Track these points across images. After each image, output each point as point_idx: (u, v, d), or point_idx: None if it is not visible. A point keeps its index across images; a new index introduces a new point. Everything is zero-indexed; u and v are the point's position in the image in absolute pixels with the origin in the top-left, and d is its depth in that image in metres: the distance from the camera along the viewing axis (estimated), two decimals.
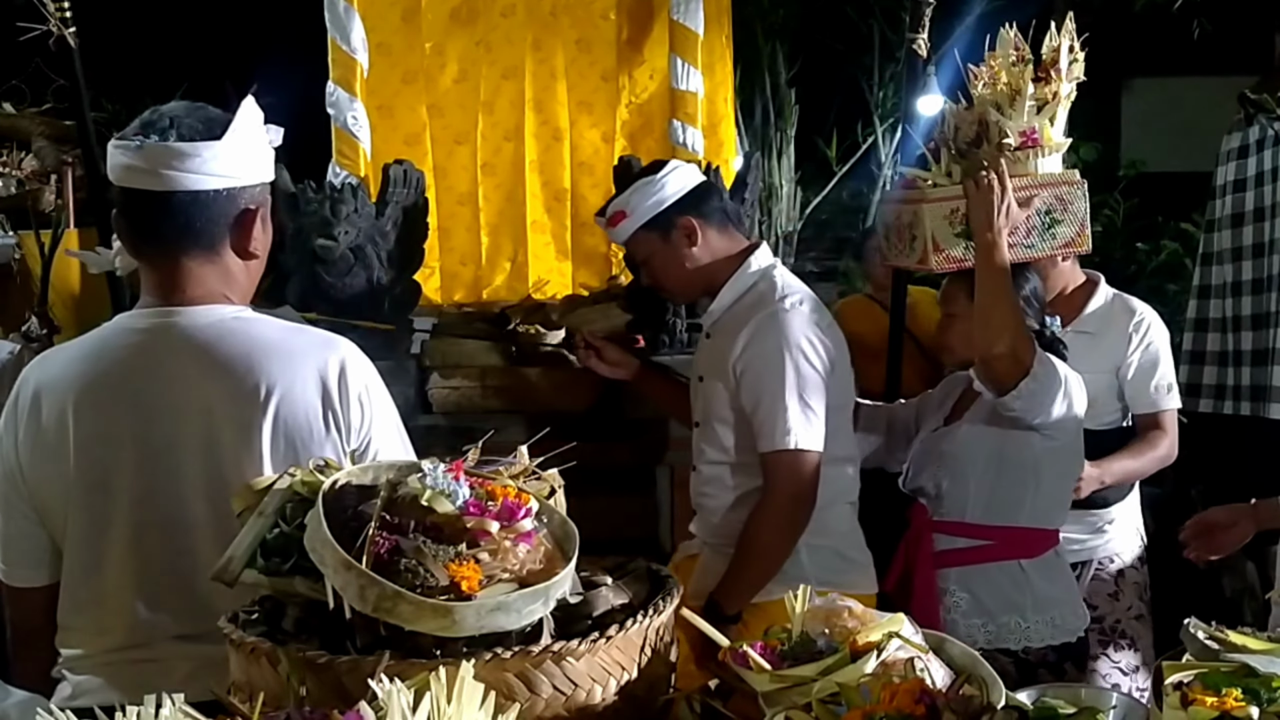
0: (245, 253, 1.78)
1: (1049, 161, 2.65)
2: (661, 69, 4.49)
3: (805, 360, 2.58)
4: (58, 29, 3.69)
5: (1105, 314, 3.27)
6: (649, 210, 2.68)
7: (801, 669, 1.40)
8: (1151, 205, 5.98)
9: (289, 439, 1.70)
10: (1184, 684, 1.33)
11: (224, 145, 1.70)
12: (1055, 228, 2.67)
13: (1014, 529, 2.71)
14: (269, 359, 1.71)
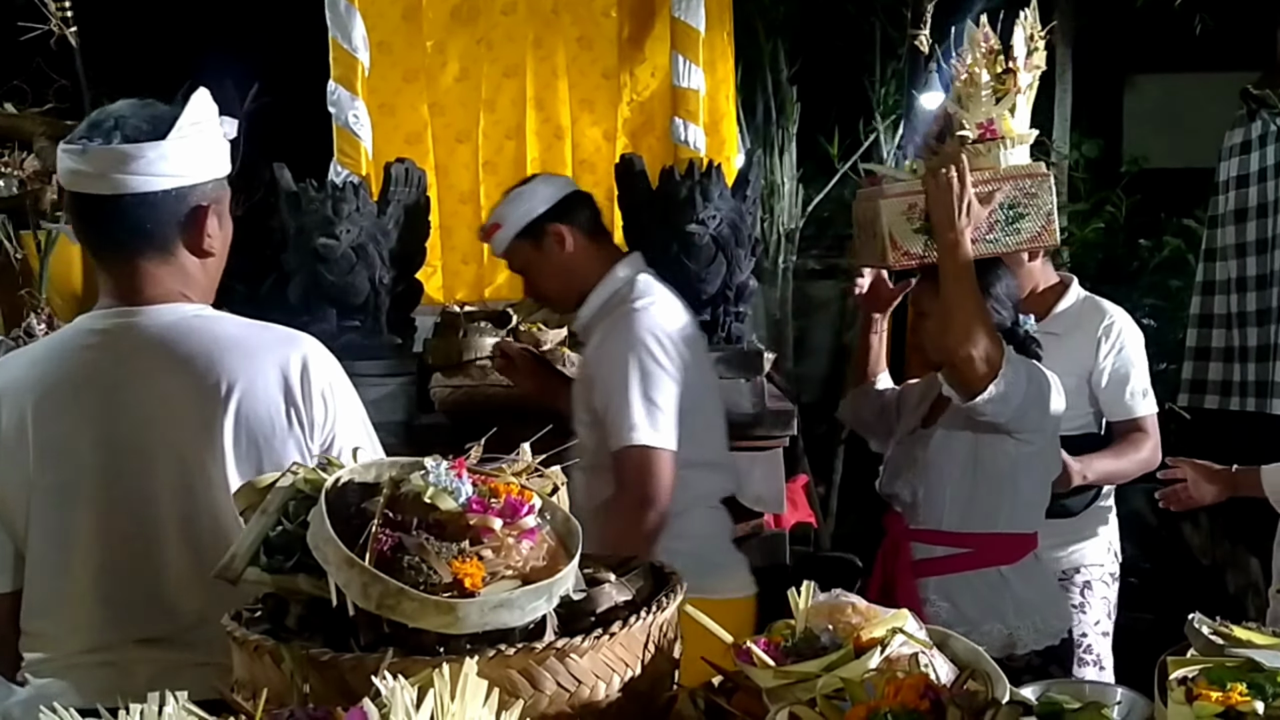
0: (200, 251, 1.76)
1: (1013, 154, 2.55)
2: (663, 66, 4.49)
3: (652, 358, 2.57)
4: (59, 28, 3.70)
5: (1074, 315, 3.15)
6: (520, 220, 2.74)
7: (805, 665, 1.40)
8: (1154, 201, 5.96)
9: (251, 436, 1.69)
10: (1189, 679, 1.33)
11: (170, 144, 1.67)
12: (1019, 222, 2.57)
13: (992, 535, 2.66)
14: (230, 356, 1.70)
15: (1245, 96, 4.45)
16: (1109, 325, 3.11)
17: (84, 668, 1.71)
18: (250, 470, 1.68)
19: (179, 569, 1.71)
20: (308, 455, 1.70)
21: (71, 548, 1.72)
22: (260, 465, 1.68)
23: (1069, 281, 3.21)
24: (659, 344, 2.59)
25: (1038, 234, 2.60)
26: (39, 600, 1.75)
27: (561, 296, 2.83)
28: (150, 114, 1.70)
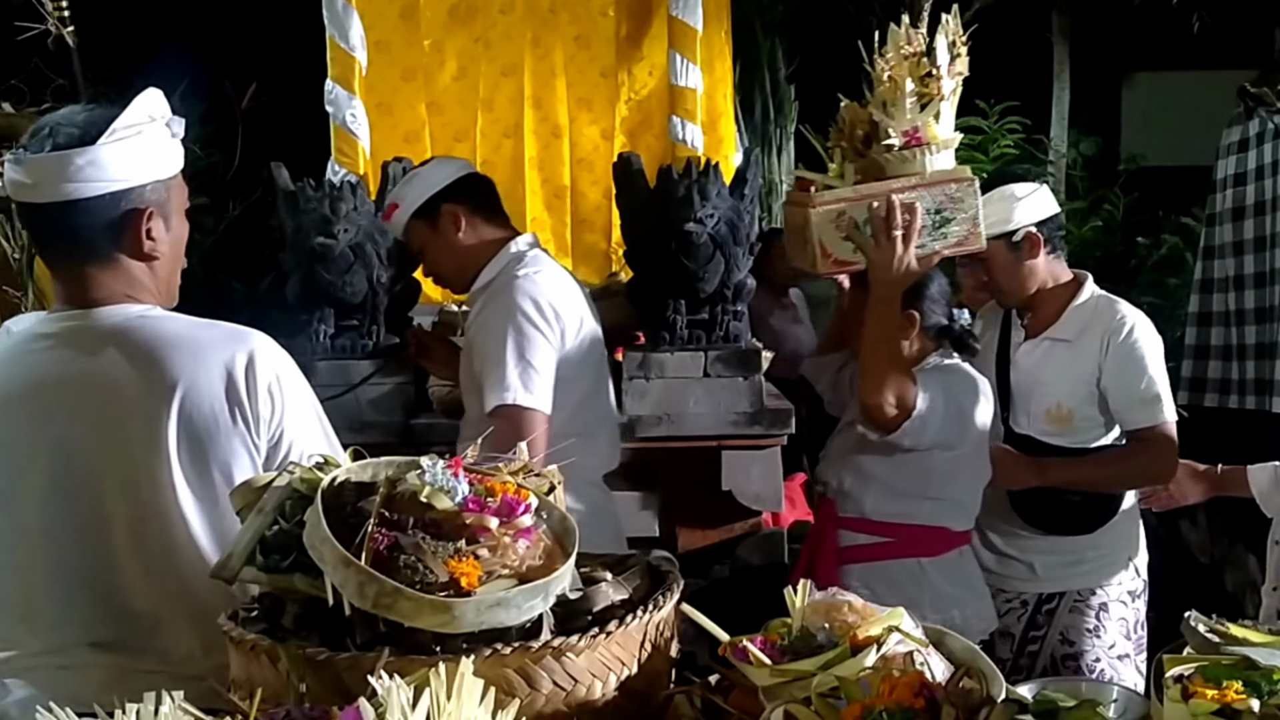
0: (140, 255, 1.73)
1: (938, 159, 2.50)
2: (661, 65, 4.49)
3: (529, 322, 2.60)
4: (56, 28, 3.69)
5: (1085, 319, 2.92)
6: (416, 200, 2.77)
7: (801, 663, 1.40)
8: (1152, 199, 5.98)
9: (194, 434, 1.67)
10: (1185, 677, 1.33)
11: (99, 149, 1.65)
12: (945, 227, 2.52)
13: (913, 526, 2.68)
14: (174, 354, 1.69)
15: (1243, 94, 4.45)
16: (1119, 326, 2.88)
17: (42, 670, 1.70)
18: (195, 469, 1.68)
19: (128, 571, 1.70)
20: (254, 451, 1.70)
21: (22, 547, 1.72)
22: (206, 463, 1.68)
23: (1083, 280, 2.99)
24: (536, 309, 2.62)
25: (964, 238, 2.54)
26: None
27: (456, 275, 2.85)
28: (86, 119, 1.68)
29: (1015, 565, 2.94)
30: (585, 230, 4.68)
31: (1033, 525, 2.91)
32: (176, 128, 1.75)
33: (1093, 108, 6.69)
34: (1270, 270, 4.27)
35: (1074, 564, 2.92)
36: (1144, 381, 2.86)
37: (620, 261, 4.37)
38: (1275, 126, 4.26)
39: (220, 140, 5.97)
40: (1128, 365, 2.86)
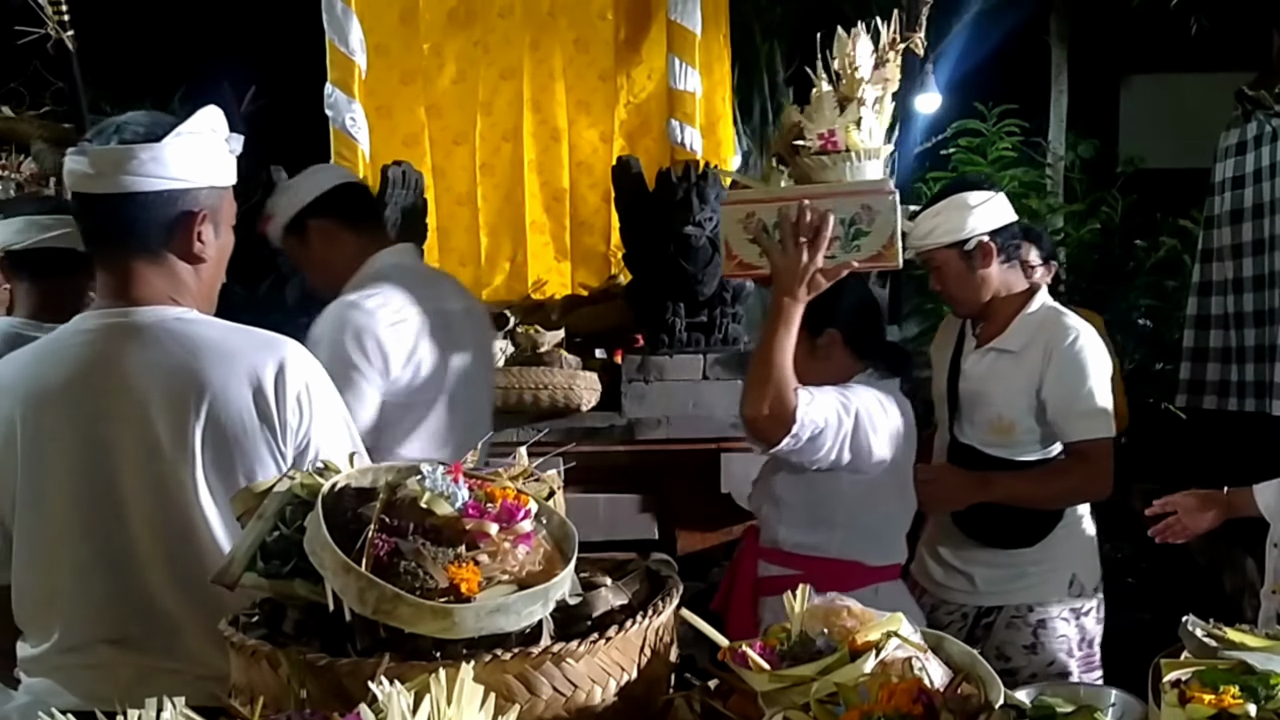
0: (190, 256, 1.77)
1: (863, 168, 2.39)
2: (659, 69, 4.50)
3: (341, 357, 2.44)
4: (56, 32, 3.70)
5: (1032, 330, 2.83)
6: (286, 212, 2.69)
7: (800, 669, 1.40)
8: (1150, 202, 5.98)
9: (221, 439, 1.69)
10: (1182, 681, 1.33)
11: (164, 147, 1.70)
12: (860, 239, 2.38)
13: (824, 560, 2.54)
14: (205, 359, 1.71)
15: (1240, 97, 4.45)
16: (1062, 337, 2.79)
17: (68, 669, 1.72)
18: (222, 473, 1.70)
19: (151, 571, 1.72)
20: (280, 458, 1.71)
21: (50, 542, 1.74)
22: (231, 468, 1.70)
23: (1035, 290, 2.92)
24: (355, 343, 2.48)
25: (878, 253, 2.39)
26: (24, 595, 1.78)
27: (328, 289, 2.72)
28: (153, 120, 1.73)
29: (958, 577, 2.88)
30: (584, 233, 4.69)
31: (971, 536, 2.85)
32: (234, 145, 1.79)
33: (1091, 110, 6.70)
34: (1269, 273, 4.28)
35: (1014, 578, 2.83)
36: (1084, 394, 2.76)
37: (619, 264, 4.38)
38: (1273, 129, 4.27)
39: None
40: (1069, 376, 2.76)
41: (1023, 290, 2.89)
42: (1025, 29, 6.21)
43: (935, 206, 2.89)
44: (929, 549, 2.92)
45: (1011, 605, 2.82)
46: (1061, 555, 2.84)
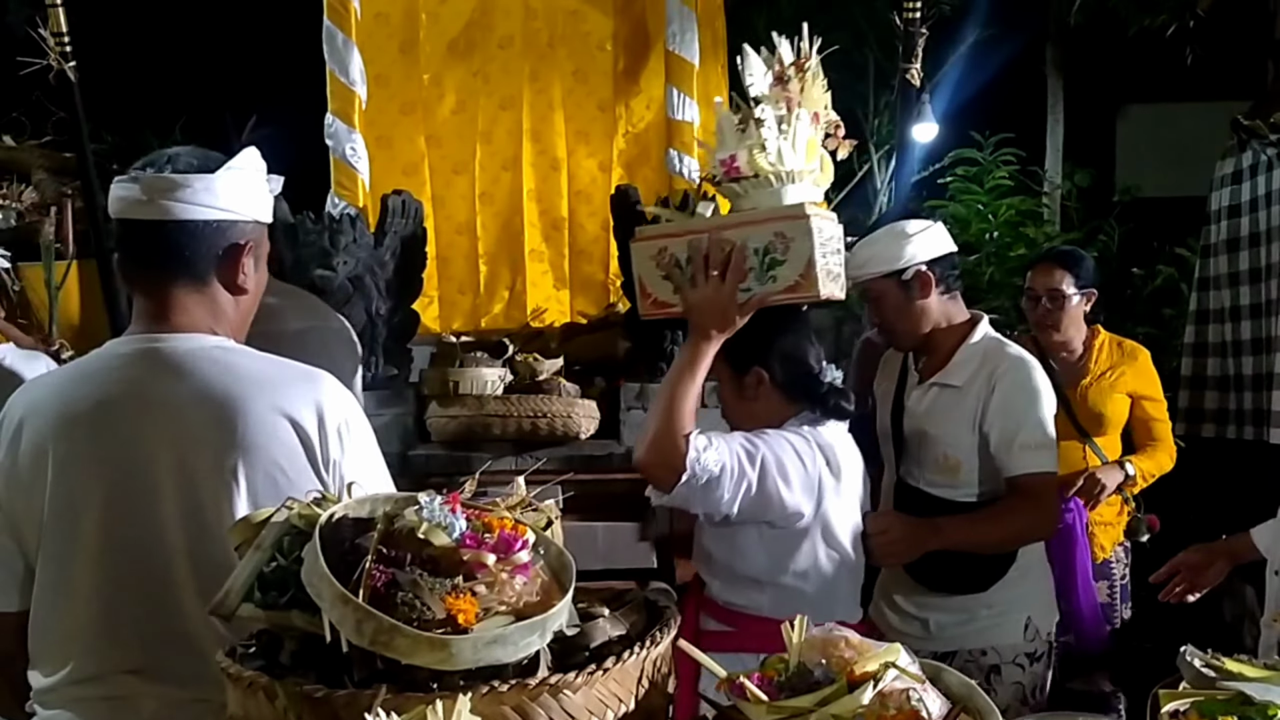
0: (234, 287, 1.80)
1: (780, 192, 2.29)
2: (658, 99, 4.52)
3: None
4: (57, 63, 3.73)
5: (975, 362, 2.72)
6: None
7: (798, 700, 1.40)
8: (1146, 230, 6.00)
9: (267, 472, 1.69)
10: (1180, 712, 1.33)
11: (216, 179, 1.74)
12: (775, 269, 2.25)
13: (755, 618, 2.37)
14: (247, 389, 1.71)
15: (1236, 126, 4.48)
16: (1006, 369, 2.68)
17: (87, 701, 1.71)
18: (261, 504, 1.66)
19: (187, 600, 1.71)
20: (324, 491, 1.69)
21: (75, 570, 1.73)
22: (269, 499, 1.67)
23: (977, 320, 2.80)
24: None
25: (795, 283, 2.26)
26: (43, 622, 1.76)
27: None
28: (203, 154, 1.78)
29: (913, 622, 2.78)
30: (583, 261, 4.70)
31: (921, 583, 2.76)
32: (275, 185, 1.89)
33: (1087, 139, 6.73)
34: (1266, 301, 4.29)
35: (966, 622, 2.73)
36: (1028, 426, 2.65)
37: (618, 292, 4.39)
38: (1269, 158, 4.29)
39: None
40: (1011, 407, 2.66)
41: (964, 321, 2.80)
42: (1021, 59, 6.25)
43: (873, 235, 2.84)
44: (884, 595, 2.84)
45: (965, 650, 2.72)
46: (1015, 599, 2.73)
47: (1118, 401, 3.65)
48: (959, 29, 5.96)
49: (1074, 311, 3.63)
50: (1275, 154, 4.23)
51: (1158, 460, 3.72)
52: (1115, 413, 3.65)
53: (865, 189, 6.19)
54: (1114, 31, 5.94)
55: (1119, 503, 3.70)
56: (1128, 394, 3.66)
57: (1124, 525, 3.73)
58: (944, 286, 2.77)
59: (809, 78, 2.37)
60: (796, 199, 2.28)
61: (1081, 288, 3.61)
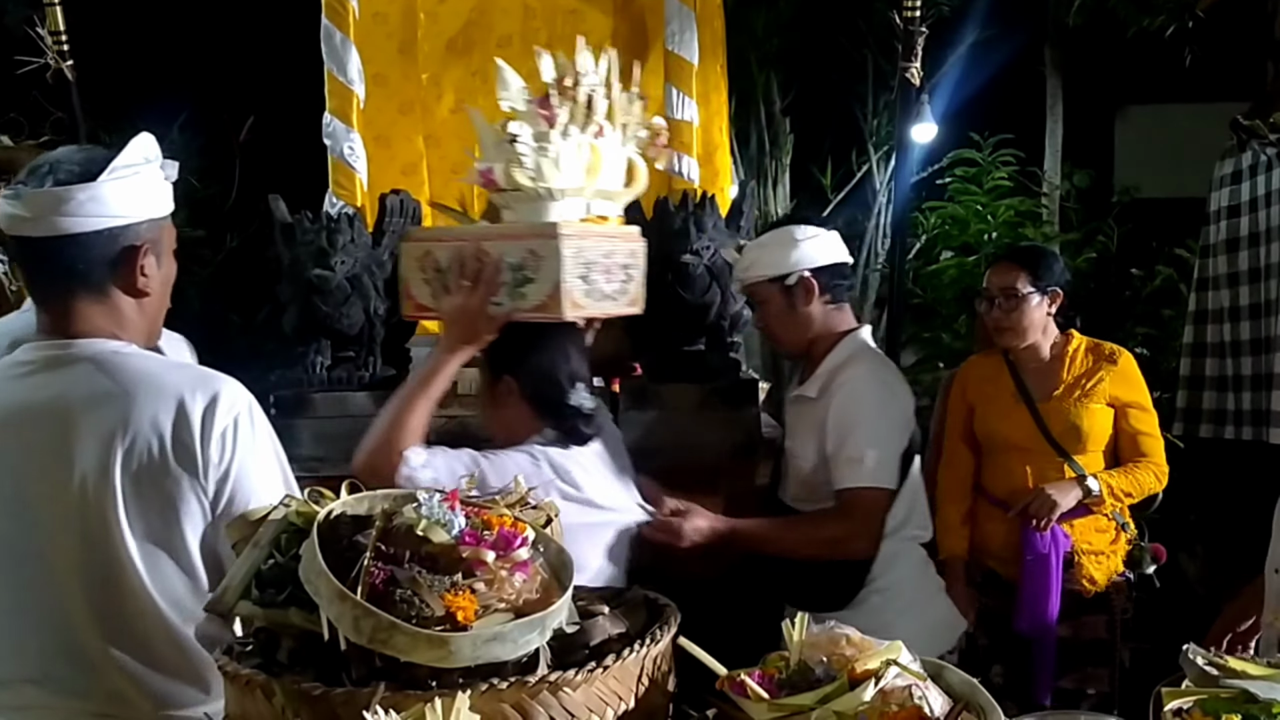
0: (134, 290, 1.78)
1: (543, 209, 2.29)
2: (657, 99, 4.50)
3: None
4: (55, 62, 3.71)
5: (831, 373, 2.69)
6: None
7: (799, 698, 1.39)
8: (1145, 231, 6.00)
9: (139, 472, 1.68)
10: (1183, 710, 1.33)
11: (101, 186, 1.70)
12: (525, 286, 2.25)
13: None
14: (134, 392, 1.71)
15: (1235, 127, 4.47)
16: (842, 381, 2.64)
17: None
18: (139, 506, 1.68)
19: (74, 606, 1.71)
20: (202, 495, 1.70)
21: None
22: (149, 502, 1.69)
23: (852, 331, 2.76)
24: None
25: (543, 302, 2.24)
26: None
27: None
28: (85, 157, 1.73)
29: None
30: None
31: (783, 597, 2.65)
32: (169, 171, 1.80)
33: (1086, 140, 6.73)
34: (1265, 301, 4.28)
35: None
36: (855, 439, 2.59)
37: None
38: (1268, 158, 4.28)
39: (218, 173, 5.99)
40: (841, 418, 2.61)
41: (840, 332, 2.74)
42: (1020, 60, 6.25)
43: (761, 239, 2.81)
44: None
45: None
46: (882, 624, 2.44)
47: (1096, 413, 3.32)
48: (958, 30, 5.95)
49: (1033, 313, 3.32)
50: (1275, 154, 4.23)
51: (1136, 479, 3.32)
52: (1095, 425, 3.31)
53: (864, 189, 6.19)
54: (1113, 32, 5.94)
55: (1112, 529, 3.39)
56: (1108, 403, 3.32)
57: (1122, 555, 3.41)
58: (829, 295, 2.73)
59: (611, 95, 2.43)
60: (558, 216, 2.27)
61: (1042, 287, 3.32)
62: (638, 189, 2.55)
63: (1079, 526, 3.30)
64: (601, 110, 2.40)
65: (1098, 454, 3.33)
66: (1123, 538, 3.40)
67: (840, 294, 2.75)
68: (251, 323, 5.81)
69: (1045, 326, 3.35)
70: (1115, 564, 3.38)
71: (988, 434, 3.42)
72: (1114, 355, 3.33)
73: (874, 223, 6.17)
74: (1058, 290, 3.32)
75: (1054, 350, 3.37)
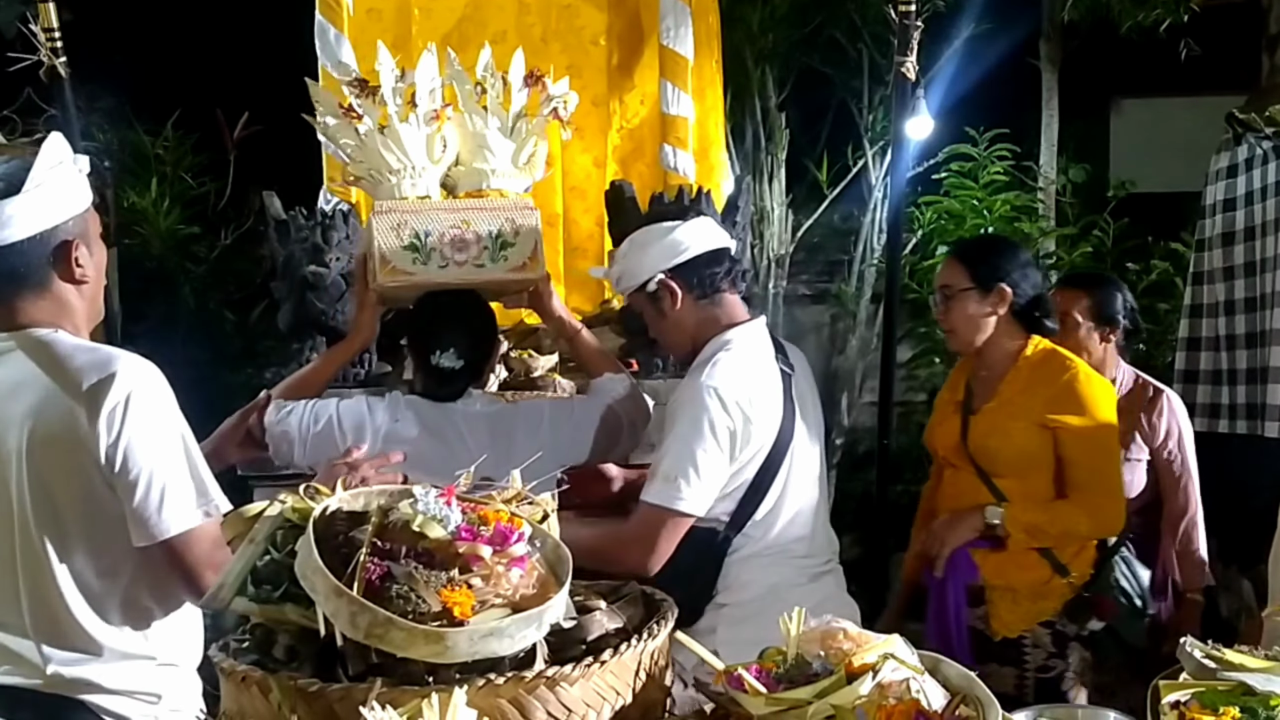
0: (72, 279, 1.92)
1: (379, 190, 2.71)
2: (652, 94, 4.50)
3: None
4: (48, 59, 3.70)
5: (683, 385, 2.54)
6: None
7: (797, 692, 1.39)
8: (1141, 225, 6.00)
9: (39, 448, 1.80)
10: (1181, 703, 1.33)
11: (25, 197, 1.83)
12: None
13: None
14: (45, 373, 1.83)
15: (1231, 120, 4.47)
16: (683, 384, 2.50)
17: None
18: (40, 480, 1.81)
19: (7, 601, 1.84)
20: (96, 470, 1.80)
21: None
22: (49, 476, 1.81)
23: (732, 325, 2.58)
24: None
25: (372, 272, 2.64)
26: None
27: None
28: (5, 171, 1.86)
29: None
30: (578, 258, 4.68)
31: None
32: (83, 165, 1.94)
33: (1081, 134, 6.73)
34: (1260, 295, 4.28)
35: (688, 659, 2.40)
36: (663, 451, 2.43)
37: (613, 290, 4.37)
38: (1264, 152, 4.28)
39: (212, 169, 5.98)
40: (666, 429, 2.47)
41: (718, 328, 2.55)
42: (1016, 54, 6.24)
43: (621, 248, 2.69)
44: None
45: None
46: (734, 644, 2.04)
47: (1017, 432, 2.86)
48: (953, 24, 5.94)
49: (971, 312, 2.95)
50: (1270, 148, 4.23)
51: (1057, 515, 2.83)
52: (1011, 446, 2.87)
53: (860, 185, 6.19)
54: (1108, 26, 5.93)
55: (1042, 568, 2.84)
56: (1041, 424, 2.84)
57: (1057, 601, 2.85)
58: (699, 291, 2.54)
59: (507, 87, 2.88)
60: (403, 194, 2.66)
61: (984, 284, 2.94)
62: (535, 170, 2.89)
63: (993, 560, 2.84)
64: (435, 101, 2.78)
65: (1038, 480, 2.87)
66: (1059, 582, 2.84)
67: (713, 285, 2.55)
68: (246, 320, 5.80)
69: (998, 329, 2.94)
70: (1042, 610, 2.84)
71: (929, 443, 3.18)
72: (1063, 368, 2.88)
73: (870, 218, 6.16)
74: (1003, 288, 2.91)
75: (1009, 357, 2.95)
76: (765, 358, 2.57)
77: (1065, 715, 1.48)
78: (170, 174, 5.85)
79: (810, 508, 2.61)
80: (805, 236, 6.27)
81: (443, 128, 2.77)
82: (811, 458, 2.63)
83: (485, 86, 2.89)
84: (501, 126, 2.83)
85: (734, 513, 2.51)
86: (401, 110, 2.71)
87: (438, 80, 2.83)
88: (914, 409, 5.66)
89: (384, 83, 2.73)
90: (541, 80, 2.98)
